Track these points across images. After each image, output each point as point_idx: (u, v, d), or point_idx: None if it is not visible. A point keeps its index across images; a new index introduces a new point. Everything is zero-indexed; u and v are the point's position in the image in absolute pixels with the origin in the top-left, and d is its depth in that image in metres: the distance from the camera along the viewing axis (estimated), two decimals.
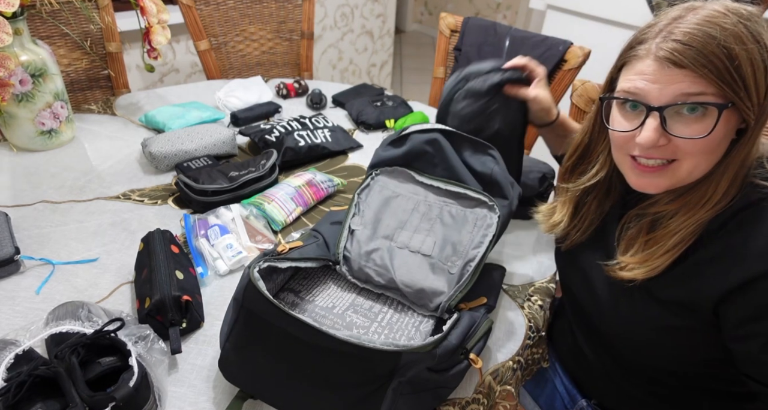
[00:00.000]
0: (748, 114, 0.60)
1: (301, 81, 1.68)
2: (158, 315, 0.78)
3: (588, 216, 0.80)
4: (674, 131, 0.62)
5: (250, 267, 0.69)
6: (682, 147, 0.63)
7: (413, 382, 0.66)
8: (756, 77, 0.58)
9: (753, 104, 0.60)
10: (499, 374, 0.81)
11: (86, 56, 1.59)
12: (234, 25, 1.87)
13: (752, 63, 0.58)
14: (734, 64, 0.58)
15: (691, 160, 0.64)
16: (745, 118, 0.61)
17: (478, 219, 0.84)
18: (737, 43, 0.57)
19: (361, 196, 0.90)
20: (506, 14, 4.31)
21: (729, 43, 0.57)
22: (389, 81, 3.61)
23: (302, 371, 0.65)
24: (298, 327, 0.62)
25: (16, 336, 0.74)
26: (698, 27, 0.59)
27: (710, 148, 0.62)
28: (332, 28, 2.97)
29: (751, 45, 0.58)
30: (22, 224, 1.03)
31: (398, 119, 1.50)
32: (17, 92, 1.17)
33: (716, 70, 0.58)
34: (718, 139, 0.62)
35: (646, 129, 0.63)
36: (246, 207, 1.08)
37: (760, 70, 0.59)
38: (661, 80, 0.61)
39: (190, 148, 1.24)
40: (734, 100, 0.59)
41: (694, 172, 0.65)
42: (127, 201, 1.13)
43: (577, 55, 1.53)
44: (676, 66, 0.59)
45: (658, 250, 0.68)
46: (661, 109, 0.62)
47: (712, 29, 0.58)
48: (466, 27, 1.72)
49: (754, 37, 0.58)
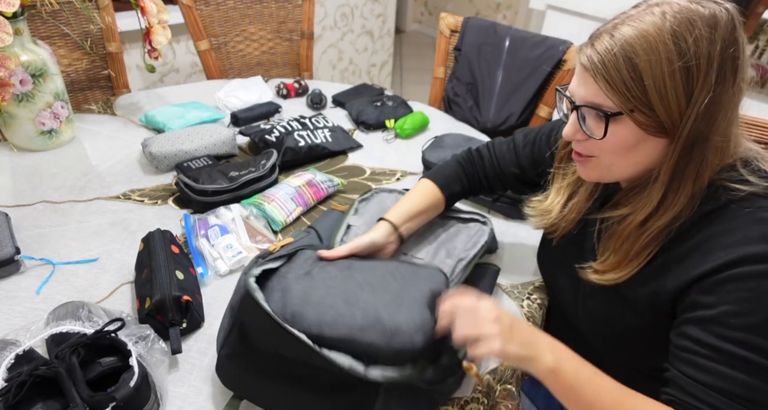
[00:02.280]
0: (657, 122, 0.61)
1: (301, 81, 1.68)
2: (158, 315, 0.78)
3: (575, 207, 0.81)
4: (587, 129, 0.67)
5: (246, 274, 0.68)
6: (596, 145, 0.67)
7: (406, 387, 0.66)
8: (664, 88, 0.59)
9: (664, 113, 0.60)
10: (498, 373, 0.81)
11: (86, 56, 1.59)
12: (234, 25, 1.87)
13: (662, 75, 0.59)
14: (635, 76, 0.59)
15: (606, 158, 0.68)
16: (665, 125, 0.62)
17: (471, 231, 0.89)
18: (648, 54, 0.58)
19: (361, 203, 0.95)
20: (506, 14, 4.30)
21: (637, 57, 0.59)
22: (389, 81, 3.61)
23: (295, 378, 0.66)
24: (290, 342, 0.62)
25: (17, 336, 0.74)
26: (617, 38, 0.60)
27: (619, 150, 0.65)
28: (332, 28, 2.97)
29: (667, 55, 0.58)
30: (22, 224, 1.03)
31: (398, 119, 1.50)
32: (17, 92, 1.17)
33: (612, 80, 0.61)
34: (625, 142, 0.64)
35: (568, 123, 0.69)
36: (246, 208, 1.08)
37: (672, 81, 0.59)
38: (580, 81, 0.65)
39: (190, 148, 1.24)
40: (632, 108, 0.61)
41: (614, 168, 0.68)
42: (127, 201, 1.14)
43: None
44: (586, 71, 0.63)
45: (616, 257, 0.70)
46: (577, 107, 0.66)
47: (628, 41, 0.59)
48: (466, 27, 1.72)
49: (678, 47, 0.58)
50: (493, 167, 0.97)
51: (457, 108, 1.75)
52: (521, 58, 1.62)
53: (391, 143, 1.46)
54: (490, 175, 0.97)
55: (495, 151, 0.97)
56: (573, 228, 0.82)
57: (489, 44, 1.68)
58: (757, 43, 1.72)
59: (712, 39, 0.58)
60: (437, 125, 1.55)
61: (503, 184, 0.98)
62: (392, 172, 1.32)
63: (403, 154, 1.41)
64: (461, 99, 1.74)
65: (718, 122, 0.61)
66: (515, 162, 0.94)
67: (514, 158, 0.94)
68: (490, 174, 0.97)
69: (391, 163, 1.36)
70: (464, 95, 1.73)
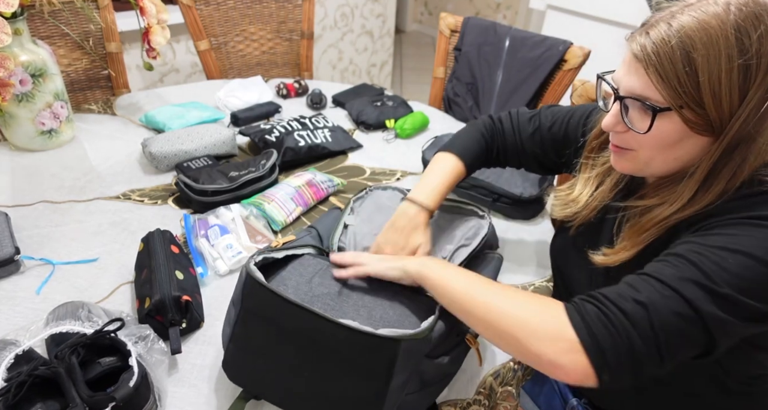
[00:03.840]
0: (706, 120, 0.59)
1: (301, 81, 1.68)
2: (158, 315, 0.78)
3: (599, 196, 0.80)
4: (629, 121, 0.64)
5: (247, 263, 0.69)
6: (636, 138, 0.65)
7: (415, 380, 0.66)
8: (719, 86, 0.57)
9: (714, 111, 0.58)
10: (501, 375, 0.81)
11: (86, 56, 1.59)
12: (234, 25, 1.87)
13: (719, 72, 0.56)
14: (691, 71, 0.57)
15: (645, 152, 0.65)
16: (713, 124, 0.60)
17: (470, 224, 0.88)
18: (707, 48, 0.55)
19: (356, 202, 0.94)
20: (506, 14, 4.30)
21: (696, 51, 0.56)
22: (389, 81, 3.61)
23: (304, 368, 0.65)
24: (297, 315, 0.62)
25: (16, 336, 0.74)
26: (674, 28, 0.57)
27: (661, 145, 0.63)
28: (332, 28, 2.97)
29: (727, 51, 0.55)
30: (22, 224, 1.03)
31: (398, 119, 1.50)
32: (17, 92, 1.17)
33: (666, 74, 0.58)
34: (668, 139, 0.62)
35: (609, 113, 0.66)
36: (246, 208, 1.08)
37: (728, 79, 0.56)
38: (629, 71, 0.62)
39: (190, 148, 1.24)
40: (682, 105, 0.58)
41: (652, 164, 0.66)
42: (127, 201, 1.13)
43: (577, 55, 1.53)
44: (638, 61, 0.60)
45: (629, 244, 0.69)
46: (621, 98, 0.64)
47: (687, 33, 0.56)
48: (466, 27, 1.72)
49: (740, 43, 0.55)
50: (515, 144, 0.93)
51: (457, 108, 1.75)
52: (521, 58, 1.62)
53: (391, 143, 1.46)
54: (510, 151, 0.94)
55: (519, 126, 0.93)
56: (593, 217, 0.81)
57: (489, 44, 1.68)
58: None
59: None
60: (437, 125, 1.55)
61: (520, 162, 0.95)
62: (392, 172, 1.32)
63: (403, 154, 1.41)
64: (461, 99, 1.74)
65: (766, 124, 0.59)
66: (539, 142, 0.91)
67: (538, 138, 0.91)
68: (510, 150, 0.94)
69: (391, 163, 1.36)
70: (464, 95, 1.73)
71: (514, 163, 0.96)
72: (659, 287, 0.56)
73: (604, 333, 0.54)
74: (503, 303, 0.61)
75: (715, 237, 0.59)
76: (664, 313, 0.54)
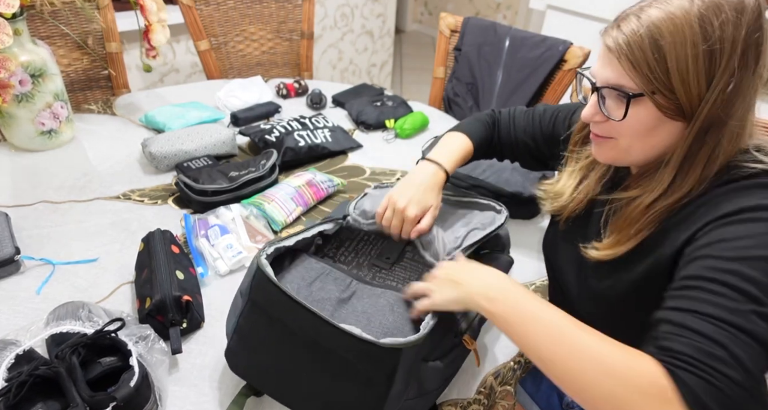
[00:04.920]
0: (677, 105, 0.62)
1: (301, 81, 1.68)
2: (159, 315, 0.78)
3: (585, 189, 0.82)
4: (606, 110, 0.67)
5: (259, 255, 0.68)
6: (614, 126, 0.67)
7: (415, 386, 0.66)
8: (686, 71, 0.60)
9: (684, 96, 0.61)
10: (501, 375, 0.81)
11: (86, 56, 1.59)
12: (234, 25, 1.87)
13: (685, 57, 0.59)
14: (659, 58, 0.60)
15: (624, 140, 0.68)
16: (684, 108, 0.62)
17: (487, 215, 0.87)
18: (673, 36, 0.59)
19: (375, 190, 0.94)
20: (506, 14, 4.31)
21: (663, 38, 0.59)
22: (389, 81, 3.61)
23: (305, 368, 0.65)
24: (302, 315, 0.62)
25: (17, 336, 0.74)
26: (643, 19, 0.61)
27: (638, 132, 0.66)
28: (332, 28, 2.97)
29: (692, 38, 0.59)
30: (22, 224, 1.03)
31: (398, 119, 1.50)
32: (17, 92, 1.17)
33: (636, 61, 0.61)
34: (644, 125, 0.65)
35: (588, 104, 0.70)
36: (246, 208, 1.08)
37: (695, 64, 0.59)
38: (604, 63, 0.66)
39: (190, 148, 1.24)
40: (653, 90, 0.62)
41: (632, 151, 0.69)
42: (127, 201, 1.13)
43: (577, 55, 1.53)
44: (611, 52, 0.64)
45: (619, 237, 0.71)
46: (598, 88, 0.67)
47: (655, 23, 0.60)
48: (466, 27, 1.72)
49: (703, 31, 0.58)
50: (509, 135, 0.97)
51: (457, 108, 1.76)
52: (521, 58, 1.62)
53: (391, 143, 1.46)
54: (504, 142, 0.98)
55: (514, 117, 0.98)
56: (580, 210, 0.82)
57: (489, 44, 1.68)
58: None
59: (738, 23, 0.58)
60: (437, 125, 1.55)
61: (514, 153, 0.99)
62: (392, 172, 1.32)
63: (403, 154, 1.41)
64: (461, 99, 1.74)
65: (735, 107, 0.61)
66: (531, 133, 0.95)
67: (530, 129, 0.95)
68: (505, 140, 0.98)
69: (391, 163, 1.36)
70: (464, 95, 1.73)
71: (509, 154, 1.00)
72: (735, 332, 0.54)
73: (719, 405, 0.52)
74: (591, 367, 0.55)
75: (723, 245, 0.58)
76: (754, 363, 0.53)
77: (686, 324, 0.55)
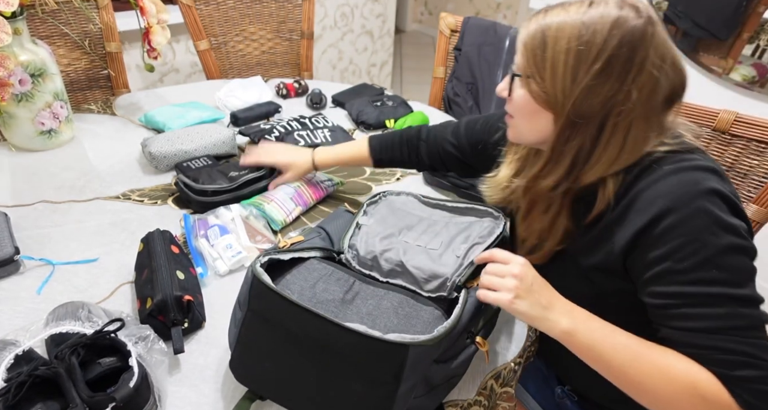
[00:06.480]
0: (545, 93, 0.69)
1: (301, 81, 1.68)
2: (160, 315, 0.77)
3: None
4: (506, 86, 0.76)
5: (253, 264, 0.68)
6: (510, 105, 0.76)
7: (422, 384, 0.66)
8: (558, 62, 0.67)
9: (551, 86, 0.68)
10: (502, 376, 0.81)
11: (86, 56, 1.59)
12: (234, 25, 1.87)
13: (559, 49, 0.67)
14: (541, 45, 0.68)
15: (516, 120, 0.77)
16: (551, 100, 0.69)
17: (485, 224, 0.87)
18: (557, 31, 0.67)
19: (370, 206, 0.93)
20: (506, 14, 4.30)
21: (549, 30, 0.68)
22: (389, 81, 3.61)
23: (311, 372, 0.65)
24: (305, 318, 0.62)
25: (16, 336, 0.74)
26: (544, 16, 0.70)
27: (522, 113, 0.75)
28: (332, 28, 2.97)
29: (570, 34, 0.66)
30: (22, 224, 1.03)
31: (398, 119, 1.50)
32: (17, 92, 1.17)
33: (526, 46, 0.70)
34: (525, 107, 0.73)
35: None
36: (246, 208, 1.08)
37: (565, 57, 0.67)
38: (518, 52, 0.74)
39: (190, 148, 1.24)
40: (529, 74, 0.70)
41: (523, 131, 0.77)
42: (127, 201, 1.13)
43: None
44: (519, 41, 0.72)
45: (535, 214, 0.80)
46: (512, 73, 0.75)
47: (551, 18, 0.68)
48: (466, 27, 1.72)
49: (579, 32, 0.66)
50: (434, 144, 1.07)
51: (457, 108, 1.75)
52: None
53: None
54: (431, 152, 1.08)
55: (437, 129, 1.09)
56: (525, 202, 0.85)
57: (489, 44, 1.68)
58: (758, 43, 1.72)
59: (610, 35, 0.65)
60: None
61: (444, 163, 1.08)
62: (392, 172, 1.32)
63: None
64: (461, 99, 1.74)
65: (595, 110, 0.67)
66: (452, 142, 1.05)
67: (452, 137, 1.05)
68: (428, 151, 1.08)
69: None
70: (464, 95, 1.73)
71: (438, 164, 1.09)
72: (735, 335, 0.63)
73: None
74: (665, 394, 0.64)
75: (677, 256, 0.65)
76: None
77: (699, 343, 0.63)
